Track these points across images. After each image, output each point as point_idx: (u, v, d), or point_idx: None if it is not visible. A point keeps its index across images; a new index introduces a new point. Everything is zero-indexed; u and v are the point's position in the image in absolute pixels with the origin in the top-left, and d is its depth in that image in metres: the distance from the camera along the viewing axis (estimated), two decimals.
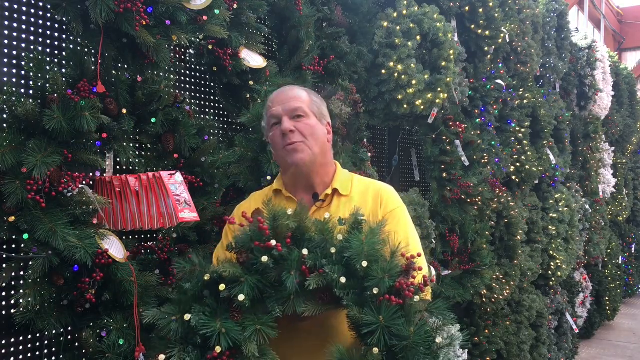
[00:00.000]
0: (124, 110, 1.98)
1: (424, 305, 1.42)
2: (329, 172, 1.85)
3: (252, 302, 1.43)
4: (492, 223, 4.32)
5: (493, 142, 4.36)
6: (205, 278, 1.45)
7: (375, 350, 1.34)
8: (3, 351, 1.90)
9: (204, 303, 1.44)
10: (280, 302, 1.44)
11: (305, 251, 1.45)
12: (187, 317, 1.41)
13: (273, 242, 1.45)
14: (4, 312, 1.91)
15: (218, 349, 1.37)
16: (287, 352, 1.58)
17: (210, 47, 2.42)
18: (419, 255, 1.53)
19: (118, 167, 2.28)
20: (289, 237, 1.48)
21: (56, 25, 2.08)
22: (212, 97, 2.77)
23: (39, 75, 1.81)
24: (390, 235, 1.65)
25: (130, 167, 2.28)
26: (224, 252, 1.81)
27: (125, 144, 2.03)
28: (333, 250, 1.45)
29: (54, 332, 1.82)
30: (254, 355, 1.39)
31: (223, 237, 1.89)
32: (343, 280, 1.41)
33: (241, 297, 1.40)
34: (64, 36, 2.10)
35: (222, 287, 1.42)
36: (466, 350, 4.01)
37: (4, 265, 1.78)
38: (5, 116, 1.75)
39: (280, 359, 1.47)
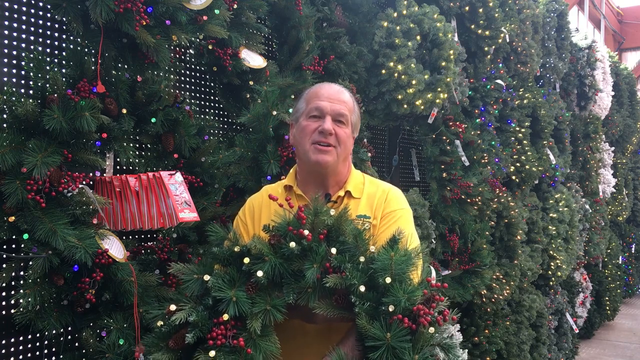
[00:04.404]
0: (124, 110, 1.99)
1: (439, 339, 1.40)
2: (343, 175, 1.85)
3: (270, 284, 1.46)
4: (492, 223, 4.32)
5: (493, 142, 4.36)
6: (235, 250, 1.49)
7: None
8: (3, 351, 1.90)
9: (226, 271, 1.49)
10: (296, 291, 1.45)
11: (333, 250, 1.46)
12: (207, 277, 1.46)
13: (305, 232, 1.47)
14: (4, 312, 1.91)
15: (225, 317, 1.40)
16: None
17: (210, 47, 2.42)
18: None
19: (118, 167, 2.28)
20: (324, 233, 1.50)
21: (56, 25, 2.08)
22: (212, 97, 2.77)
23: (39, 75, 1.81)
24: (384, 234, 1.64)
25: (130, 167, 2.28)
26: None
27: (125, 144, 2.03)
28: (362, 259, 1.46)
29: (54, 332, 1.82)
30: (255, 332, 1.41)
31: (234, 229, 1.89)
32: (362, 289, 1.41)
33: (259, 274, 1.43)
34: (64, 36, 2.10)
35: (246, 260, 1.47)
36: (466, 350, 4.01)
37: (4, 265, 1.78)
38: (5, 116, 1.75)
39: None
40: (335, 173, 1.80)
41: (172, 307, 1.44)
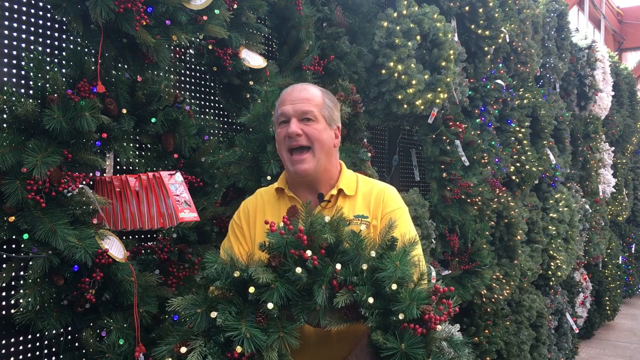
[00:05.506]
0: (124, 110, 1.98)
1: (445, 335, 1.41)
2: (333, 173, 1.84)
3: (279, 308, 1.43)
4: (492, 223, 4.32)
5: (493, 142, 4.36)
6: (235, 275, 1.43)
7: None
8: (3, 351, 1.90)
9: (231, 301, 1.43)
10: (305, 311, 1.43)
11: (338, 266, 1.44)
12: (214, 314, 1.40)
13: (309, 253, 1.43)
14: (4, 312, 1.91)
15: (239, 349, 1.36)
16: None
17: (210, 47, 2.42)
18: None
19: (118, 167, 2.28)
20: (323, 247, 1.47)
21: (56, 25, 2.08)
22: (212, 97, 2.77)
23: (39, 75, 1.81)
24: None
25: (130, 167, 2.28)
26: (230, 247, 1.81)
27: (125, 144, 2.03)
28: (365, 266, 1.44)
29: (54, 332, 1.82)
30: None
31: (230, 233, 1.89)
32: (371, 300, 1.40)
33: (270, 306, 1.39)
34: (64, 36, 2.10)
35: (251, 289, 1.41)
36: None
37: (4, 265, 1.78)
38: (5, 116, 1.75)
39: None
40: (320, 172, 1.79)
41: (183, 350, 1.38)
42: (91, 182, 1.96)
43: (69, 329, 1.96)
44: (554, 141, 5.54)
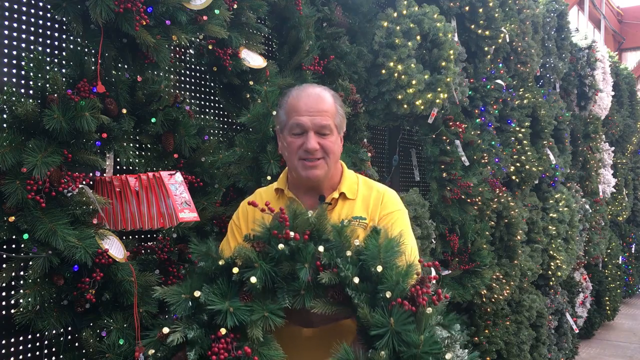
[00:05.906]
0: (124, 110, 1.99)
1: (437, 319, 1.41)
2: (335, 176, 1.84)
3: (263, 291, 1.43)
4: (492, 223, 4.32)
5: (493, 142, 4.36)
6: (220, 263, 1.45)
7: (383, 353, 1.31)
8: (3, 351, 1.90)
9: (216, 285, 1.44)
10: (290, 294, 1.43)
11: (321, 248, 1.44)
12: (197, 293, 1.41)
13: (291, 233, 1.45)
14: (4, 312, 1.91)
15: (223, 331, 1.36)
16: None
17: (210, 47, 2.42)
18: (420, 261, 1.53)
19: (118, 167, 2.28)
20: (307, 234, 1.48)
21: (56, 25, 2.08)
22: (212, 97, 2.77)
23: (39, 75, 1.81)
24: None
25: (130, 167, 2.28)
26: (229, 248, 1.81)
27: (125, 144, 2.03)
28: (349, 253, 1.45)
29: (54, 332, 1.82)
30: (257, 340, 1.38)
31: (229, 233, 1.89)
32: (356, 280, 1.40)
33: (253, 280, 1.39)
34: (64, 36, 2.10)
35: (235, 270, 1.42)
36: (466, 350, 4.01)
37: (4, 265, 1.78)
38: (5, 116, 1.75)
39: None
40: (326, 178, 1.79)
41: (165, 330, 1.39)
42: (91, 182, 1.96)
43: (69, 329, 1.96)
44: (554, 141, 5.54)
